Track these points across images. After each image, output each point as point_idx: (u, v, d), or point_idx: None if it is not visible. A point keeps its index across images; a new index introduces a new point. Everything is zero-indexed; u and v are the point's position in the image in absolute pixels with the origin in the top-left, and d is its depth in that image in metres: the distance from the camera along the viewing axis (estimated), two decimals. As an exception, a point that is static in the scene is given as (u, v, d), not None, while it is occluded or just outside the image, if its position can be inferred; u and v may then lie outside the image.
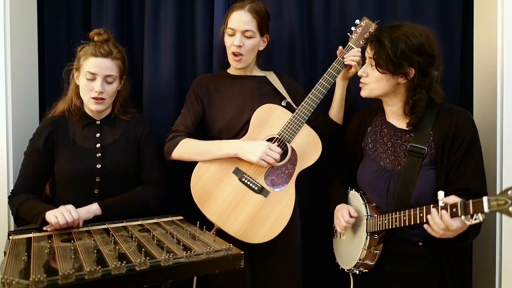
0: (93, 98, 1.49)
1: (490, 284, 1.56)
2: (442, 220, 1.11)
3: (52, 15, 1.93)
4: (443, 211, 1.10)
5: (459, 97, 1.81)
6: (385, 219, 1.30)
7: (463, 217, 1.05)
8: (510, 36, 1.53)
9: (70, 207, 1.36)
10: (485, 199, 1.00)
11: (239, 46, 1.56)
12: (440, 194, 1.12)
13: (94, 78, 1.48)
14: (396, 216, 1.27)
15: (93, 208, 1.46)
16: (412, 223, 1.21)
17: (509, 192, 0.95)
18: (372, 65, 1.35)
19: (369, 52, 1.36)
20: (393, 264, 1.38)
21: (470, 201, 1.04)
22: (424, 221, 1.17)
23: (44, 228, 1.35)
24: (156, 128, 1.71)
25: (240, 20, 1.55)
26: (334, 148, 1.75)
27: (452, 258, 1.32)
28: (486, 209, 0.99)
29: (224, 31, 1.63)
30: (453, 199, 1.11)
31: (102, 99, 1.50)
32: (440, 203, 1.12)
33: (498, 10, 1.56)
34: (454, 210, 1.08)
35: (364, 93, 1.41)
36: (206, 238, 1.28)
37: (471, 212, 1.03)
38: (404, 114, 1.38)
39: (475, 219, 1.03)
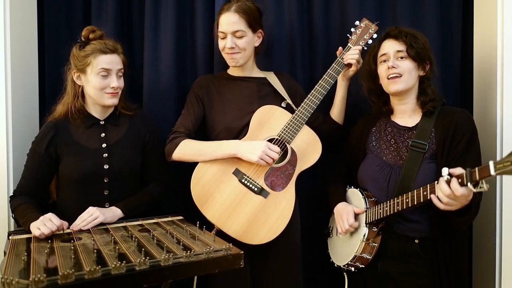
0: (108, 93, 1.50)
1: (490, 284, 1.56)
2: (449, 186, 1.12)
3: (52, 15, 1.93)
4: (453, 178, 1.12)
5: (459, 97, 1.81)
6: (386, 206, 1.32)
7: (469, 184, 1.06)
8: (510, 36, 1.53)
9: (49, 215, 1.34)
10: (491, 163, 1.01)
11: (232, 48, 1.56)
12: (445, 170, 1.13)
13: (108, 74, 1.49)
14: (398, 200, 1.28)
15: (118, 213, 1.48)
16: (415, 203, 1.23)
17: None
18: (401, 58, 1.40)
19: (395, 46, 1.41)
20: (389, 262, 1.39)
21: (476, 168, 1.05)
22: (428, 198, 1.19)
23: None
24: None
25: (228, 22, 1.55)
26: (336, 150, 1.74)
27: (448, 259, 1.32)
28: (492, 172, 1.00)
29: (217, 35, 1.63)
30: (459, 170, 1.13)
31: (117, 92, 1.52)
32: (445, 178, 1.13)
33: (498, 10, 1.56)
34: (460, 180, 1.10)
35: (400, 86, 1.40)
36: (206, 238, 1.28)
37: (478, 178, 1.04)
38: (419, 105, 1.43)
39: (480, 187, 1.05)
